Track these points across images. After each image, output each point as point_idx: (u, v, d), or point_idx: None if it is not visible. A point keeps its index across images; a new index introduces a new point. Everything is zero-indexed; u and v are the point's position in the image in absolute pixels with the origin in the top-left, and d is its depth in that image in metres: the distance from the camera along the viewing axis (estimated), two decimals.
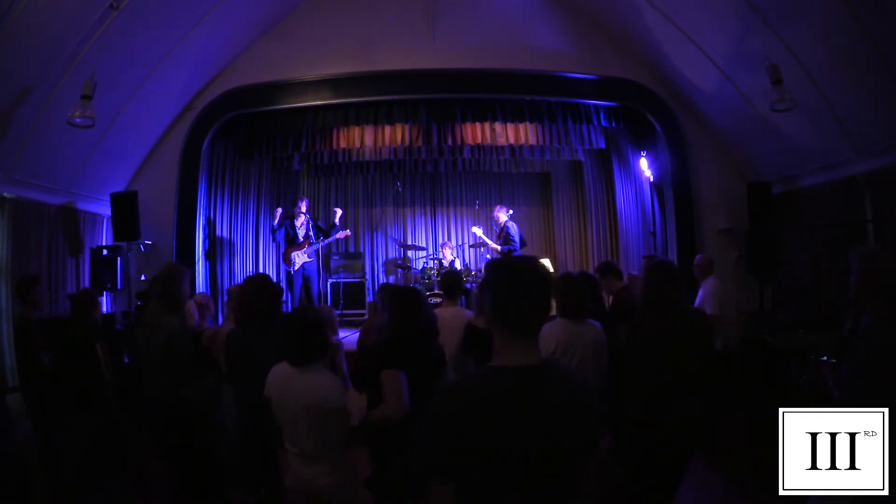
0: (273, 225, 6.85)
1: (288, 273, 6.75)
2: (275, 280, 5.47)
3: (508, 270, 1.31)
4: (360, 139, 6.90)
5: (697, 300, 4.76)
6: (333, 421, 2.14)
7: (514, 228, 6.78)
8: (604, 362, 2.89)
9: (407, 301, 2.51)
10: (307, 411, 2.11)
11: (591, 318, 2.95)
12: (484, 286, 1.34)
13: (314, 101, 6.20)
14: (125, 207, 5.75)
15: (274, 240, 7.11)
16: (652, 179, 6.49)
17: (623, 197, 7.57)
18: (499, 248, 6.89)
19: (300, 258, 6.69)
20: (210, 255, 6.78)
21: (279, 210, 6.92)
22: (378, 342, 2.60)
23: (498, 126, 6.70)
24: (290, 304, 6.67)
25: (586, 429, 1.28)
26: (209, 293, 6.61)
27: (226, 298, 6.85)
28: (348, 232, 7.56)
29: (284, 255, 6.74)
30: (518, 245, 6.70)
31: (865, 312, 2.07)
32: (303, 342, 2.18)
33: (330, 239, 7.09)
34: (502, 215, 6.88)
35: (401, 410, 2.23)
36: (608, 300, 4.15)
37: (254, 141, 6.86)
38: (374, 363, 2.44)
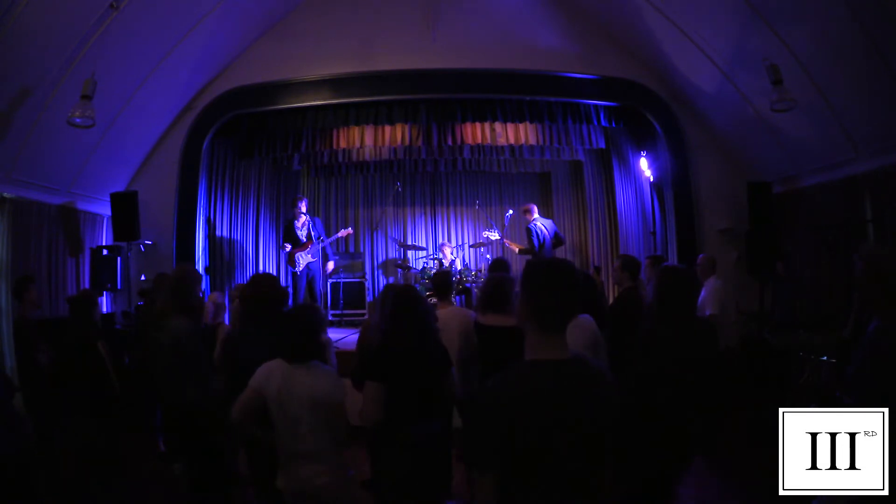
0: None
1: (294, 274, 6.73)
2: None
3: (543, 271, 1.43)
4: (360, 139, 6.89)
5: (699, 300, 4.75)
6: (336, 417, 2.15)
7: (536, 228, 6.64)
8: (602, 357, 2.85)
9: (407, 303, 2.49)
10: (311, 408, 2.10)
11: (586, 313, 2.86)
12: (521, 286, 1.46)
13: (314, 101, 6.20)
14: (125, 207, 5.76)
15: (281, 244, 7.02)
16: (652, 179, 6.48)
17: (623, 197, 7.57)
18: (516, 249, 6.91)
19: (304, 258, 6.68)
20: (210, 270, 6.77)
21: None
22: (374, 343, 2.59)
23: (498, 126, 6.68)
24: (293, 304, 6.65)
25: (615, 416, 1.38)
26: (209, 292, 6.62)
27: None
28: (350, 230, 7.54)
29: (289, 256, 6.72)
30: (537, 246, 6.52)
31: (874, 315, 2.05)
32: (305, 339, 2.19)
33: (332, 238, 7.09)
34: (528, 216, 6.78)
35: (372, 420, 2.33)
36: (615, 291, 4.12)
37: (254, 141, 6.85)
38: (363, 365, 2.45)
